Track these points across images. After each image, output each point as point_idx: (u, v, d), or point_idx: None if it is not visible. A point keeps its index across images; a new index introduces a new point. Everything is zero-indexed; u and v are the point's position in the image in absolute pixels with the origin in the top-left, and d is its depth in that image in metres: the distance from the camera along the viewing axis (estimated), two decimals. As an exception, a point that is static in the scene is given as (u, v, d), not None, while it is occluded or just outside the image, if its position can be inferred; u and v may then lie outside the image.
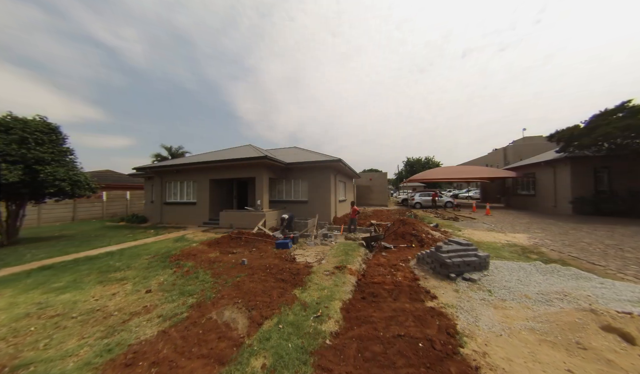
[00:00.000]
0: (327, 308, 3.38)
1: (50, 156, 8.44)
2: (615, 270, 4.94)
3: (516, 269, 4.79)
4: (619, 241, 7.37)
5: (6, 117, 8.16)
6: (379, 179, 27.32)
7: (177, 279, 4.75)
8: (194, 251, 6.74)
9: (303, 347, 2.55)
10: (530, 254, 6.21)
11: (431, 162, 45.97)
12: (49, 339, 2.86)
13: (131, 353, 2.53)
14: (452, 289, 4.07)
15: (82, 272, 5.29)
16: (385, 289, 4.06)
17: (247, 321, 3.11)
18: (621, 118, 12.22)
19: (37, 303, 3.81)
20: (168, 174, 14.09)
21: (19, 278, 5.06)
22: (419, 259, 5.46)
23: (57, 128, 9.10)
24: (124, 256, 6.70)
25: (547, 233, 8.93)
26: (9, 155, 7.54)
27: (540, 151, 22.72)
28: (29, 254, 7.16)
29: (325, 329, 2.89)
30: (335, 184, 13.78)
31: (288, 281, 4.47)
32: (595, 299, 3.42)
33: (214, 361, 2.38)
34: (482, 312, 3.28)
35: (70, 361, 2.45)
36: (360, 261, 5.73)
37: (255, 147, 14.79)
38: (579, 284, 4.01)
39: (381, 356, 2.42)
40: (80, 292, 4.24)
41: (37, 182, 8.12)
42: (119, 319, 3.27)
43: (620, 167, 13.42)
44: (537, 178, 17.52)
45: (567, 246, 7.03)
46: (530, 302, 3.48)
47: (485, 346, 2.57)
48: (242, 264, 5.51)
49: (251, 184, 13.89)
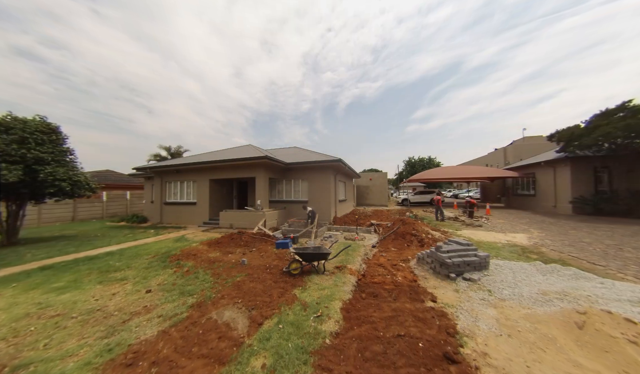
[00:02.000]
0: (327, 308, 3.38)
1: (50, 156, 8.44)
2: (616, 270, 4.94)
3: (516, 269, 4.79)
4: (619, 241, 7.37)
5: (6, 117, 8.16)
6: (379, 179, 27.30)
7: (177, 279, 4.76)
8: (194, 251, 6.74)
9: (303, 347, 2.55)
10: (531, 254, 6.21)
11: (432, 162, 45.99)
12: (49, 339, 2.86)
13: (131, 352, 2.53)
14: (452, 289, 4.07)
15: (82, 272, 5.29)
16: (385, 289, 4.06)
17: (247, 321, 3.11)
18: (622, 118, 12.22)
19: (37, 303, 3.81)
20: (168, 174, 14.10)
21: (19, 278, 5.06)
22: (419, 259, 5.47)
23: (57, 128, 9.11)
24: (124, 256, 6.70)
25: (547, 233, 8.93)
26: (9, 155, 7.54)
27: (540, 151, 22.75)
28: (29, 254, 7.17)
29: (326, 329, 2.89)
30: (335, 184, 13.78)
31: (288, 281, 4.47)
32: (596, 299, 3.42)
33: (214, 361, 2.38)
34: (482, 312, 3.28)
35: (70, 361, 2.45)
36: (360, 261, 5.73)
37: (255, 147, 14.80)
38: (579, 284, 4.00)
39: (381, 356, 2.42)
40: (81, 292, 4.24)
41: (37, 182, 8.12)
42: (119, 319, 3.27)
43: (621, 167, 13.42)
44: (537, 178, 17.52)
45: (567, 246, 7.03)
46: (530, 302, 3.48)
47: (485, 346, 2.57)
48: (242, 264, 5.51)
49: (251, 184, 13.90)
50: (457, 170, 23.99)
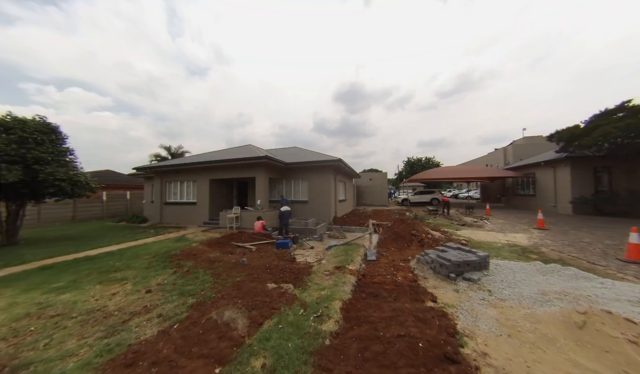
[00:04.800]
0: (327, 308, 3.38)
1: (50, 156, 8.43)
2: (616, 270, 4.94)
3: (516, 269, 4.79)
4: (619, 241, 7.36)
5: (6, 117, 8.15)
6: (379, 179, 27.30)
7: (177, 279, 4.75)
8: (194, 251, 6.74)
9: (303, 347, 2.55)
10: (530, 254, 6.21)
11: (431, 162, 46.00)
12: (49, 339, 2.86)
13: (131, 353, 2.53)
14: (452, 289, 4.07)
15: (82, 273, 5.29)
16: (385, 289, 4.06)
17: (247, 321, 3.11)
18: (621, 118, 12.23)
19: (37, 303, 3.81)
20: (168, 174, 14.09)
21: (19, 278, 5.06)
22: (419, 259, 5.47)
23: (56, 128, 9.11)
24: (124, 256, 6.70)
25: (547, 233, 8.93)
26: (8, 155, 7.53)
27: (540, 151, 22.72)
28: (29, 254, 7.16)
29: (326, 329, 2.88)
30: (335, 184, 13.77)
31: (288, 281, 4.47)
32: (596, 299, 3.41)
33: (214, 361, 2.38)
34: (482, 312, 3.28)
35: (70, 361, 2.45)
36: (360, 261, 5.73)
37: (255, 147, 14.79)
38: (579, 284, 4.00)
39: (381, 356, 2.42)
40: (81, 292, 4.24)
41: (37, 182, 8.12)
42: (119, 319, 3.27)
43: (621, 167, 13.42)
44: (537, 178, 17.52)
45: (567, 246, 7.03)
46: (530, 302, 3.48)
47: (485, 346, 2.57)
48: (242, 264, 5.51)
49: (251, 184, 13.88)
50: (457, 170, 24.03)
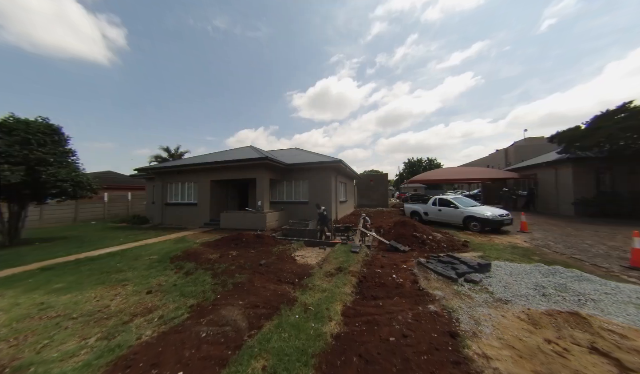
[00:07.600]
0: (328, 310, 3.37)
1: (52, 157, 8.48)
2: (618, 272, 4.90)
3: (518, 271, 4.76)
4: (621, 242, 7.31)
5: (8, 119, 8.21)
6: (379, 181, 27.27)
7: (178, 280, 4.75)
8: (195, 252, 6.74)
9: (304, 349, 2.54)
10: (532, 255, 6.18)
11: (432, 163, 45.95)
12: (49, 340, 2.86)
13: (132, 353, 2.53)
14: (454, 291, 4.05)
15: (83, 273, 5.30)
16: (386, 291, 4.04)
17: (248, 322, 3.10)
18: (623, 119, 12.17)
19: (38, 304, 3.82)
20: (169, 175, 14.13)
21: (20, 279, 5.08)
22: (420, 261, 5.45)
23: (59, 129, 9.16)
24: (125, 257, 6.71)
25: (549, 234, 8.88)
26: (11, 156, 7.58)
27: (541, 152, 22.66)
28: (30, 254, 7.19)
29: (326, 331, 2.87)
30: (336, 185, 13.77)
31: (289, 282, 4.46)
32: (598, 301, 3.39)
33: (215, 362, 2.38)
34: (483, 313, 3.26)
35: (71, 362, 2.45)
36: (361, 263, 5.71)
37: (256, 149, 14.82)
38: (581, 286, 3.97)
39: (382, 358, 2.41)
40: (81, 293, 4.25)
41: (39, 183, 8.16)
42: (119, 320, 3.27)
43: (622, 168, 13.34)
44: (538, 179, 17.45)
45: (569, 247, 6.99)
46: (532, 303, 3.46)
47: (487, 348, 2.55)
48: (243, 265, 5.50)
49: (252, 185, 13.89)
50: (458, 171, 23.93)
